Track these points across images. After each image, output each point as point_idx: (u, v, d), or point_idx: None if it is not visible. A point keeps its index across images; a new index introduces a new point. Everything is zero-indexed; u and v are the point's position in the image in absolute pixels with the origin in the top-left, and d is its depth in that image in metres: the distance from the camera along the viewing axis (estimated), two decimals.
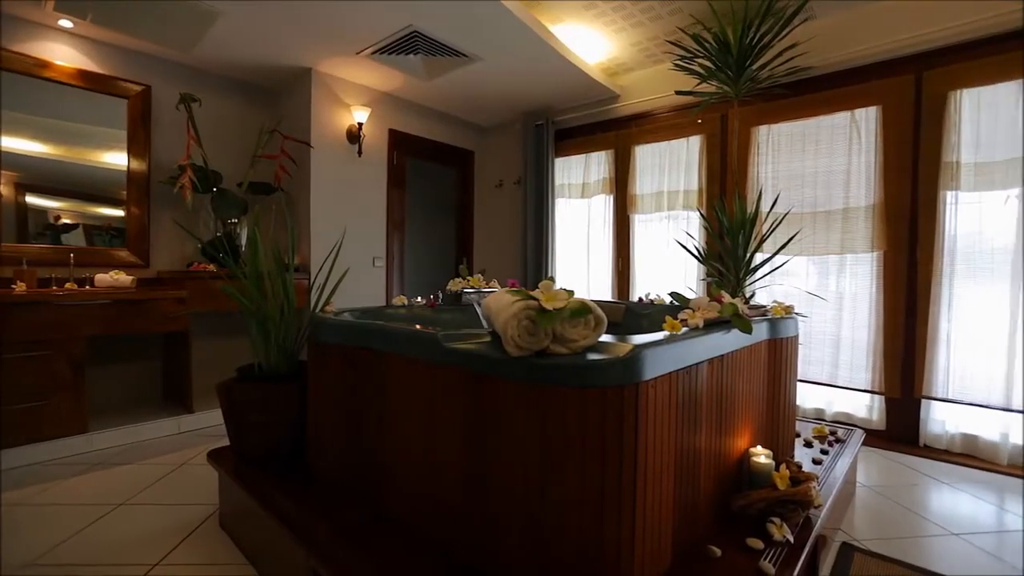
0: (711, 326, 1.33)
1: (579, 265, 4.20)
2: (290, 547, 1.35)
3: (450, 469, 1.21)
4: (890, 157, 2.78)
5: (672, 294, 1.47)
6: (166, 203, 3.20)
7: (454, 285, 2.13)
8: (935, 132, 2.66)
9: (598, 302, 2.36)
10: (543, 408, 1.01)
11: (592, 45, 3.40)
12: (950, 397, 2.61)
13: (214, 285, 2.91)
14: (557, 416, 1.00)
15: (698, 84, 3.03)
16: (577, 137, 4.18)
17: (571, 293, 1.00)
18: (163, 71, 3.22)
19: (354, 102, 3.67)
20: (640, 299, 2.25)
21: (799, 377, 2.92)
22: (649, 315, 2.03)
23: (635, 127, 3.84)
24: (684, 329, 1.24)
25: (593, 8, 2.96)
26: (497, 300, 1.15)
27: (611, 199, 3.97)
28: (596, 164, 4.07)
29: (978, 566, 1.67)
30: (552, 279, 1.04)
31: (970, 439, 2.60)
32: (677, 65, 3.11)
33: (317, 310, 1.80)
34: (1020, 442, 2.47)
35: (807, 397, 3.08)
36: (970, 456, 2.58)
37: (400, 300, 2.24)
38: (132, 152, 3.08)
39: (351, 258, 3.57)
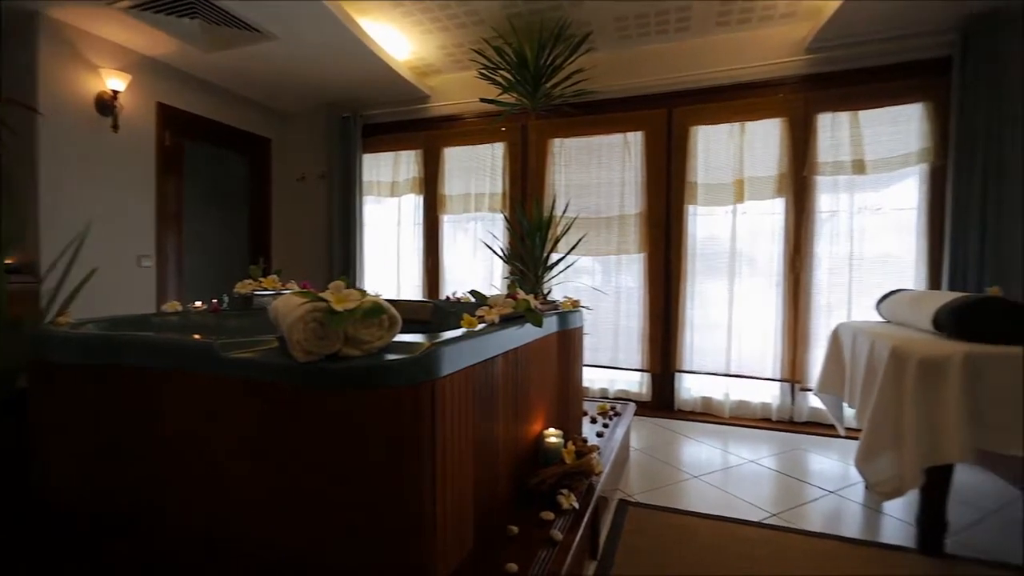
0: (507, 321, 1.43)
1: (389, 264, 4.12)
2: None
3: (244, 490, 1.08)
4: (650, 174, 3.37)
5: (472, 292, 1.54)
6: None
7: (243, 287, 1.90)
8: (681, 157, 3.31)
9: (406, 301, 2.35)
10: (338, 413, 0.96)
11: (400, 43, 3.37)
12: (693, 369, 3.29)
13: None
14: (353, 420, 0.96)
15: (500, 94, 3.24)
16: (386, 134, 4.09)
17: (364, 293, 0.98)
18: None
19: (106, 64, 2.99)
20: (447, 297, 2.31)
21: (587, 362, 3.34)
22: (456, 313, 2.10)
23: (444, 129, 3.92)
24: (481, 325, 1.31)
25: (400, 7, 2.93)
26: (285, 303, 1.06)
27: (421, 199, 4.00)
28: (406, 163, 4.05)
29: (712, 498, 2.13)
30: (345, 279, 1.00)
31: (706, 400, 3.32)
32: (482, 74, 3.27)
33: (47, 321, 1.42)
34: (737, 399, 3.25)
35: (595, 379, 3.54)
36: (706, 414, 3.29)
37: (172, 306, 1.90)
38: None
39: (107, 256, 2.92)
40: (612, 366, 3.46)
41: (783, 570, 1.59)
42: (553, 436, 1.63)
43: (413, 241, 4.05)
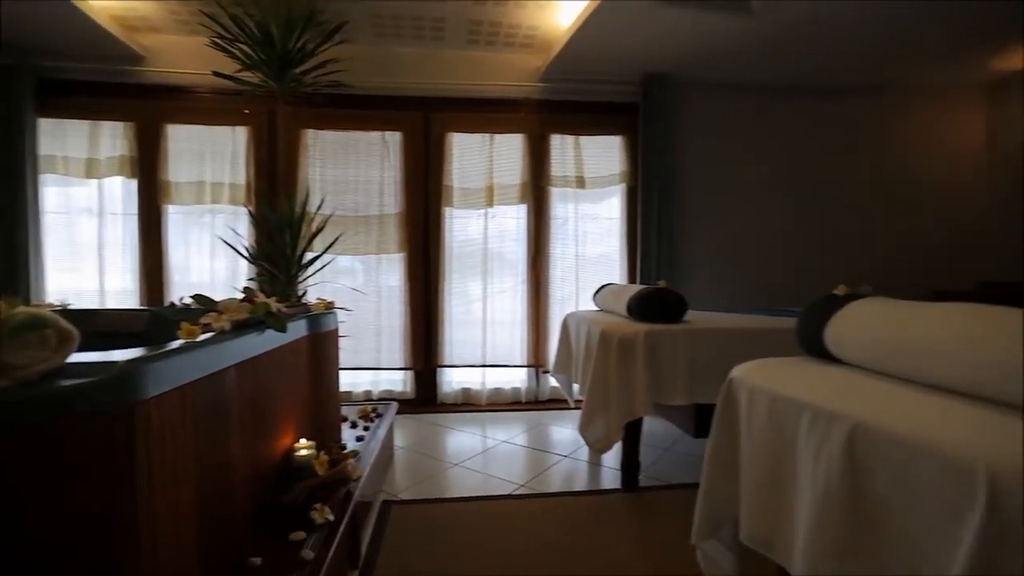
0: (243, 328, 1.27)
1: (88, 266, 3.23)
2: None
3: None
4: (409, 175, 3.43)
5: (195, 297, 1.31)
6: None
7: None
8: (438, 161, 3.46)
9: (111, 311, 1.89)
10: None
11: None
12: (454, 363, 3.49)
13: None
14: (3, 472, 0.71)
15: (239, 71, 2.85)
16: (78, 96, 3.19)
17: (15, 304, 0.73)
18: None
19: None
20: (172, 304, 1.94)
21: (349, 365, 3.23)
22: (181, 321, 1.77)
23: (167, 100, 3.26)
24: (208, 334, 1.13)
25: None
26: None
27: (135, 184, 3.24)
28: (110, 136, 3.22)
29: (472, 481, 2.28)
30: None
31: (466, 391, 3.55)
32: (215, 43, 2.82)
33: None
34: (492, 386, 3.55)
35: (359, 382, 3.44)
36: (466, 403, 3.53)
37: None
38: None
39: None
40: (375, 367, 3.41)
41: (530, 531, 1.81)
42: (304, 448, 1.51)
43: (125, 236, 3.26)
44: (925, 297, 3.06)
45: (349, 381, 3.37)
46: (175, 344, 1.03)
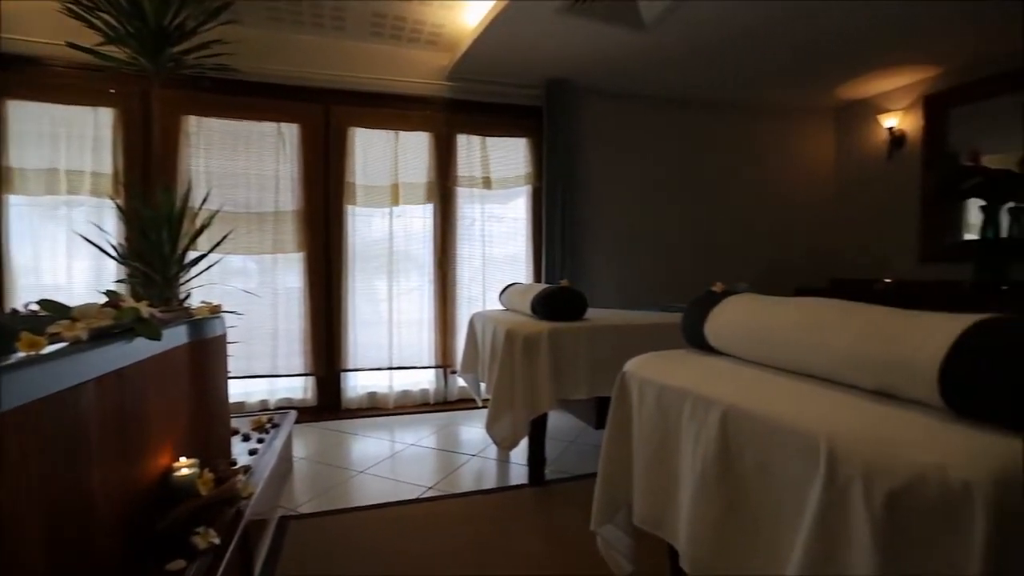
0: (104, 337, 1.12)
1: None
2: None
3: None
4: (308, 170, 3.24)
5: (42, 303, 1.14)
6: None
7: None
8: (340, 156, 3.30)
9: None
10: None
11: None
12: (358, 366, 3.36)
13: None
14: None
15: (101, 44, 2.51)
16: None
17: None
18: None
19: None
20: (14, 311, 1.66)
21: (242, 373, 3.00)
22: (32, 330, 1.52)
23: (6, 73, 2.79)
24: (57, 345, 0.99)
25: None
26: None
27: None
28: None
29: (378, 488, 2.20)
30: None
31: (372, 395, 3.44)
32: (69, 9, 2.46)
33: None
34: (400, 389, 3.47)
35: (253, 391, 3.19)
36: (373, 408, 3.41)
37: None
38: None
39: None
40: (271, 374, 3.18)
41: (439, 533, 1.80)
42: (185, 467, 1.37)
43: None
44: (789, 293, 3.48)
45: (242, 391, 3.11)
46: (12, 359, 0.88)
